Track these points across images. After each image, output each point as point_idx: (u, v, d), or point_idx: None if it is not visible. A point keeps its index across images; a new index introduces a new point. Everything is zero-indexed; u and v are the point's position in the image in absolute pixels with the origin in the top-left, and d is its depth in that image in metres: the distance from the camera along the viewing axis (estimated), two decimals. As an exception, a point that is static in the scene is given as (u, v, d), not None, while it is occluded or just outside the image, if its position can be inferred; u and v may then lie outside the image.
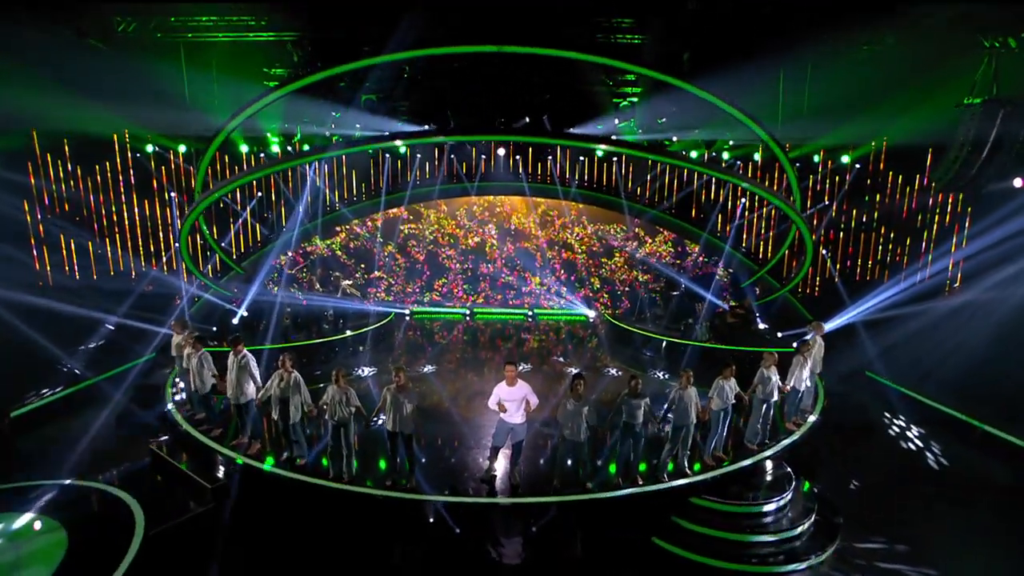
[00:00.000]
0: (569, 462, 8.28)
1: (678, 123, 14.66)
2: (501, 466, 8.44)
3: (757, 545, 8.33)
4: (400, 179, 17.36)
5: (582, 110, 13.17)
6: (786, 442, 9.75)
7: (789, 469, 9.25)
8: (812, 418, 10.38)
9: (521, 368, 8.25)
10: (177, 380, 10.95)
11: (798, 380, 9.90)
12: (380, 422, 8.47)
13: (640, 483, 8.41)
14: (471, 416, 9.65)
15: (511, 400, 7.93)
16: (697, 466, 8.82)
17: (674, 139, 15.77)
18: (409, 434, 8.18)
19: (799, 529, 8.50)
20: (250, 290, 14.47)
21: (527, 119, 11.95)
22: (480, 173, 17.03)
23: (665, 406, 8.64)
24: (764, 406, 9.49)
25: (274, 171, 11.43)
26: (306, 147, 16.38)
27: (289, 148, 16.71)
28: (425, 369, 12.85)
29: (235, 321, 14.09)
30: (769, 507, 8.61)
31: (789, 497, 8.80)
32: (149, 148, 15.37)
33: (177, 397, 10.74)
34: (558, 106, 12.31)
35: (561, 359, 13.76)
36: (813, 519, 8.68)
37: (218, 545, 7.97)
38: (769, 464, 9.37)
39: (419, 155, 16.80)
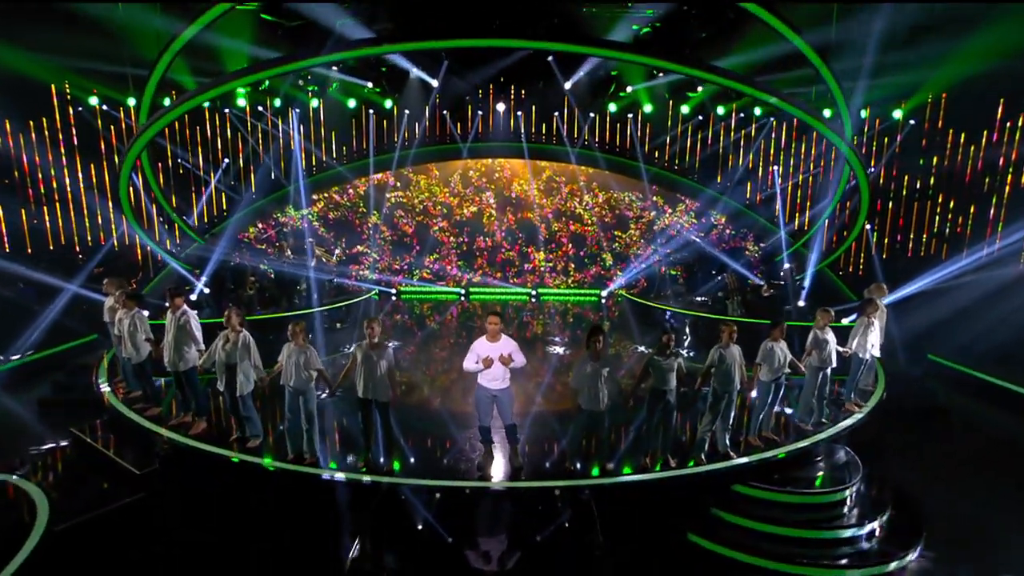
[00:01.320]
0: (585, 439, 7.27)
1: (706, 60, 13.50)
2: (500, 448, 7.46)
3: (815, 543, 7.09)
4: (386, 140, 16.47)
5: (591, 38, 11.95)
6: (848, 422, 8.54)
7: (854, 455, 7.99)
8: (874, 400, 9.14)
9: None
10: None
11: (862, 347, 8.67)
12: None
13: (672, 465, 7.31)
14: (466, 410, 8.46)
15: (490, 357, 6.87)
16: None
17: (699, 89, 14.71)
18: (385, 402, 7.06)
19: (870, 527, 7.25)
20: (211, 260, 13.32)
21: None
22: (476, 132, 16.12)
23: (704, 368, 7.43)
24: (820, 375, 8.29)
25: (225, 90, 10.28)
26: (277, 102, 15.45)
27: (265, 112, 15.69)
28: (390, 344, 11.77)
29: (193, 297, 12.99)
30: (831, 499, 7.36)
31: (856, 488, 7.56)
32: (93, 100, 14.24)
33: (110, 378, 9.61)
34: (562, 34, 11.10)
35: (556, 339, 12.63)
36: (887, 516, 7.42)
37: (146, 540, 6.79)
38: (829, 449, 8.14)
39: (407, 111, 15.83)
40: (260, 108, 15.65)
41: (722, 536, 7.06)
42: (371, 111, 15.87)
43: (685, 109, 15.72)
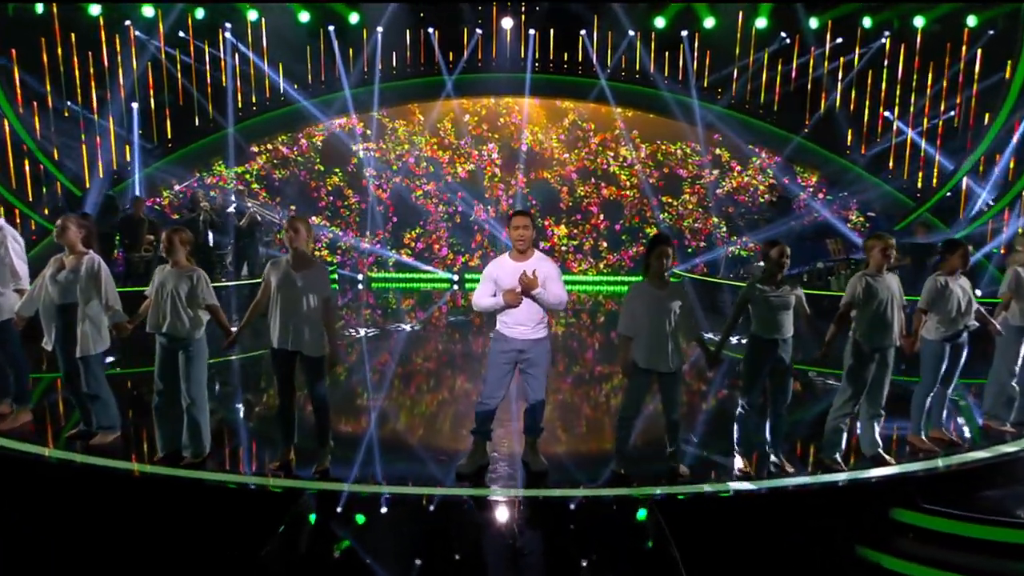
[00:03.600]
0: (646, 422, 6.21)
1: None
2: (507, 441, 6.31)
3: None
4: (352, 69, 15.77)
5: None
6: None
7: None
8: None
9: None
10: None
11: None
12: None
13: (788, 469, 5.77)
14: (459, 447, 6.92)
15: (517, 285, 5.39)
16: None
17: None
18: (316, 358, 5.57)
19: None
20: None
21: None
22: (473, 59, 15.53)
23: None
24: (1024, 340, 6.57)
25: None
26: (199, 12, 14.41)
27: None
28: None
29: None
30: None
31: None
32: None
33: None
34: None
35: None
36: None
37: None
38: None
39: (380, 29, 15.09)
40: (181, 33, 14.97)
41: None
42: (331, 27, 15.06)
43: (762, 23, 14.71)
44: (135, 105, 14.77)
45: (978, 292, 8.28)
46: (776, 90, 15.44)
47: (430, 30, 14.99)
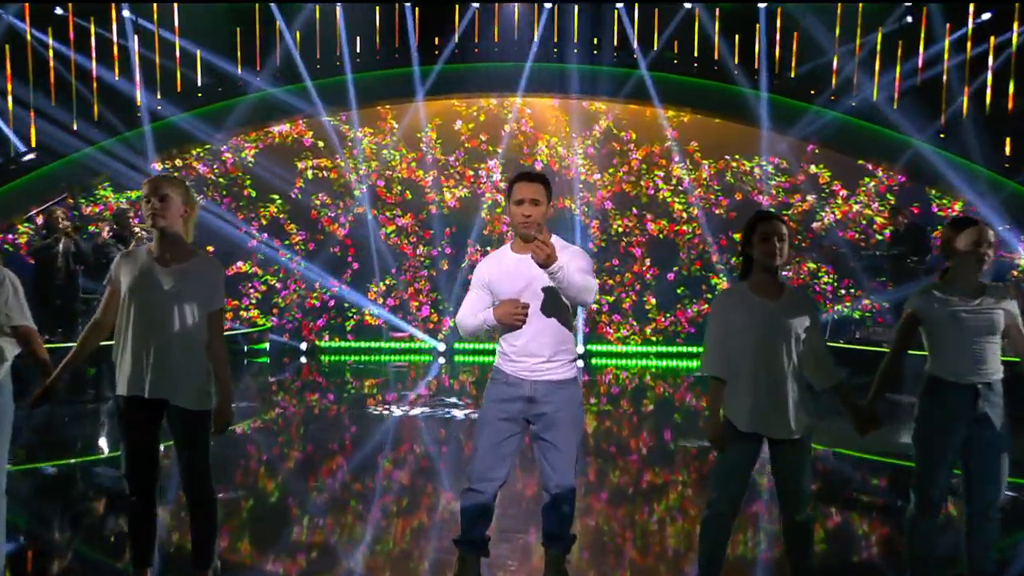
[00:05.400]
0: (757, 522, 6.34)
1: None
2: (515, 556, 5.93)
3: None
4: (300, 55, 16.00)
5: None
6: None
7: None
8: None
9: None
10: None
11: None
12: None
13: None
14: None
15: (523, 289, 4.66)
16: None
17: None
18: (197, 412, 4.80)
19: None
20: None
21: None
22: (467, 42, 16.15)
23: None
24: None
25: None
26: None
27: None
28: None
29: None
30: None
31: None
32: None
33: None
34: None
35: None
36: None
37: None
38: None
39: (340, 5, 15.54)
40: (58, 10, 15.56)
41: None
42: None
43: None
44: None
45: None
46: (896, 85, 15.45)
47: (407, 4, 15.19)
